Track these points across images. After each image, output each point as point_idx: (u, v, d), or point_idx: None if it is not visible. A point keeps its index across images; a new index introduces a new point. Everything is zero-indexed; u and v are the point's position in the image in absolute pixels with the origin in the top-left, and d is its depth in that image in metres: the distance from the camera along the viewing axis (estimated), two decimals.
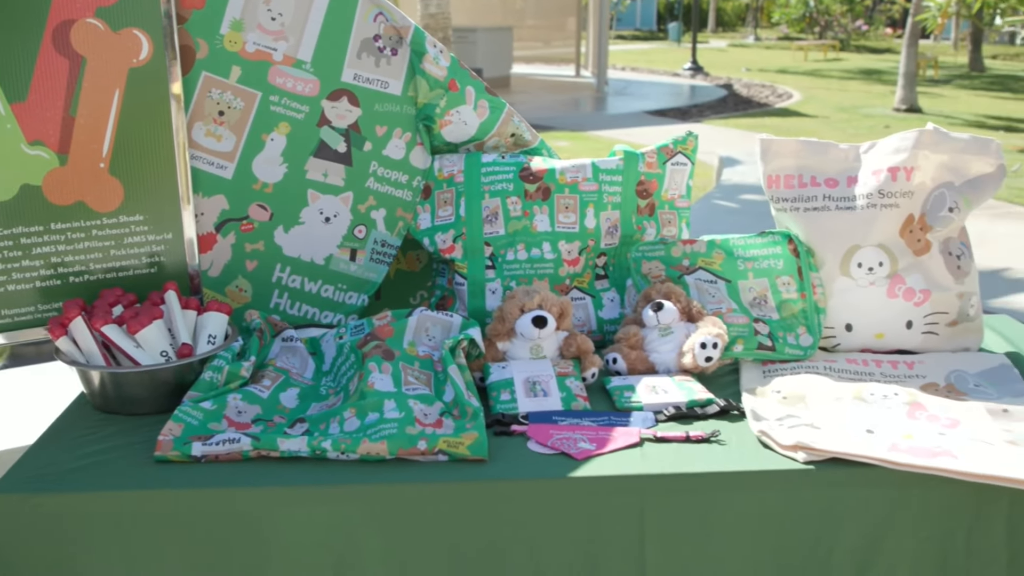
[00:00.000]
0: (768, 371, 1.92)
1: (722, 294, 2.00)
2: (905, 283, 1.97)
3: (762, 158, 2.05)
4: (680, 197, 2.18)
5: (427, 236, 2.08)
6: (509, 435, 1.66)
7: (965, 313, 2.02)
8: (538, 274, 2.05)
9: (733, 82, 20.37)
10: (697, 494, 1.55)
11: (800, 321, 1.98)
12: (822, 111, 15.70)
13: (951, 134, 1.98)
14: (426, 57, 2.05)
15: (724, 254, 2.03)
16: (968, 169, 1.98)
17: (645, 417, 1.72)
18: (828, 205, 2.00)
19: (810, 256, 2.01)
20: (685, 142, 2.16)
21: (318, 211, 2.08)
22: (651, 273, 2.05)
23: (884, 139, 2.02)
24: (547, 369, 1.82)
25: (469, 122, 2.10)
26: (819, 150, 2.03)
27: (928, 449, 1.58)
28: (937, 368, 1.94)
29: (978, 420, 1.71)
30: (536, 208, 2.04)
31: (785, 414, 1.72)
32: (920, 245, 1.98)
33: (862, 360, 1.97)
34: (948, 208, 1.96)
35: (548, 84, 19.44)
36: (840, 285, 1.99)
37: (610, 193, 2.06)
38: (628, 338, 1.93)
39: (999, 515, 1.59)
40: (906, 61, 15.66)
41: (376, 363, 1.74)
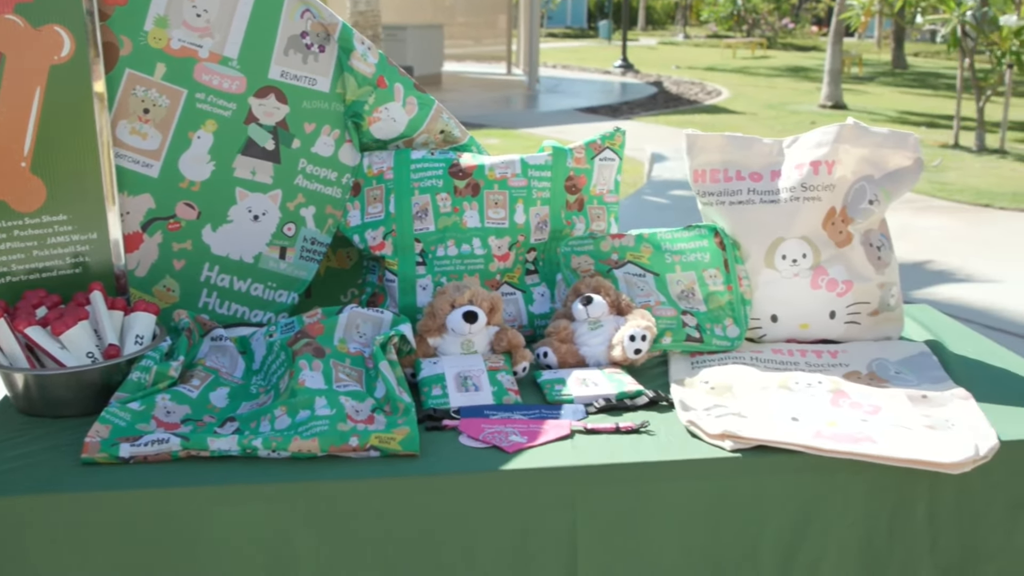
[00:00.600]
0: (696, 362, 1.95)
1: (650, 287, 2.03)
2: (828, 274, 2.01)
3: (688, 153, 2.08)
4: (609, 192, 2.20)
5: (357, 233, 2.08)
6: (441, 430, 1.67)
7: (886, 303, 2.06)
8: (468, 270, 2.06)
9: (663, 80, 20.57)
10: (627, 484, 1.57)
11: (727, 313, 2.02)
12: (750, 108, 15.92)
13: (871, 129, 2.02)
14: (354, 54, 2.04)
15: (652, 248, 2.06)
16: (887, 163, 2.03)
17: (576, 409, 1.74)
18: (753, 199, 2.03)
19: (736, 249, 2.04)
20: (613, 138, 2.19)
21: (246, 209, 2.07)
22: (580, 267, 2.07)
23: (806, 134, 2.06)
24: (478, 364, 1.83)
25: (398, 119, 2.10)
26: (744, 145, 2.07)
27: (850, 435, 1.62)
28: (859, 356, 1.98)
29: (899, 406, 1.75)
30: (466, 204, 2.05)
31: (713, 404, 1.75)
32: (842, 237, 2.02)
33: (787, 350, 2.01)
34: (868, 200, 2.01)
35: (479, 82, 19.46)
36: (765, 277, 2.03)
37: (539, 189, 2.08)
38: (558, 332, 1.95)
39: (920, 499, 1.63)
40: (831, 59, 15.95)
41: (307, 360, 1.74)
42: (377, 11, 8.03)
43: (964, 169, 10.82)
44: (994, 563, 1.67)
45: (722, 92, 18.41)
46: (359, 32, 2.02)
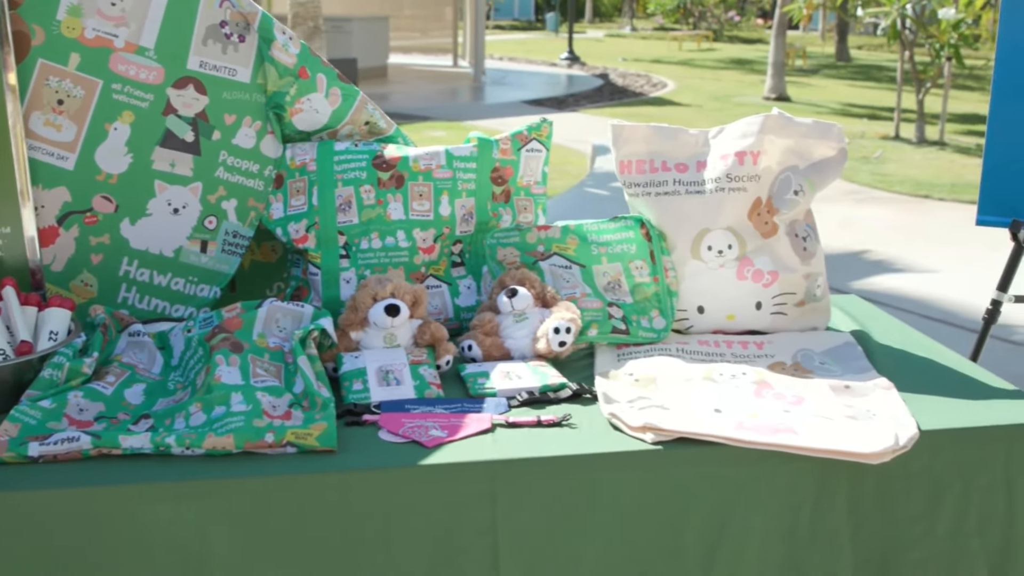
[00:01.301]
0: (622, 354, 1.94)
1: (576, 279, 2.02)
2: (753, 265, 2.02)
3: (614, 144, 2.07)
4: (536, 183, 2.19)
5: (280, 226, 2.05)
6: (361, 425, 1.64)
7: (812, 293, 2.07)
8: (393, 263, 2.03)
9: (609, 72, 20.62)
10: (548, 478, 1.55)
11: (653, 304, 2.01)
12: (696, 100, 16.01)
13: (795, 119, 2.03)
14: (274, 44, 2.01)
15: (578, 239, 2.05)
16: (812, 153, 2.04)
17: (498, 403, 1.72)
18: (678, 189, 2.03)
19: (662, 240, 2.04)
20: (540, 129, 2.17)
21: (166, 202, 2.03)
22: (506, 259, 2.06)
23: (732, 124, 2.06)
24: (400, 358, 1.81)
25: (321, 110, 2.07)
26: (669, 135, 2.06)
27: (772, 426, 1.62)
28: (785, 347, 1.99)
29: (822, 396, 1.76)
30: (390, 196, 2.02)
31: (636, 396, 1.74)
32: (767, 228, 2.02)
33: (713, 341, 2.01)
34: (793, 191, 2.01)
35: (426, 74, 19.39)
36: (691, 268, 2.02)
37: (464, 180, 2.06)
38: (483, 325, 1.93)
39: (840, 489, 1.64)
40: (774, 51, 16.08)
41: (224, 356, 1.71)
42: (318, 2, 7.94)
43: (904, 160, 10.96)
44: (916, 551, 1.68)
45: (668, 84, 18.50)
46: (299, 24, 1.98)
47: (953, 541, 1.68)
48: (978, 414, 1.73)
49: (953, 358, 2.01)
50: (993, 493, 1.69)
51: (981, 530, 1.69)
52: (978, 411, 1.75)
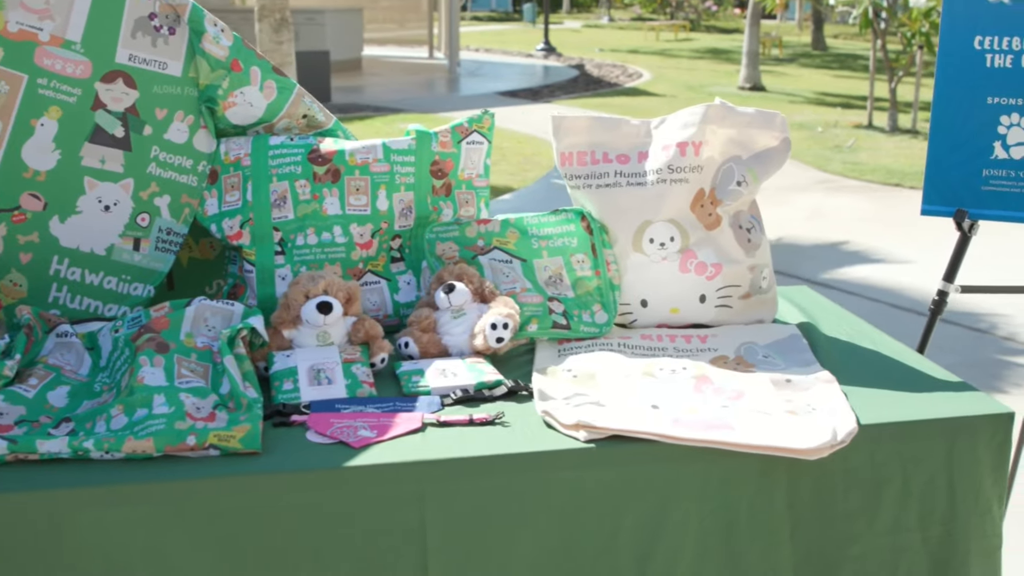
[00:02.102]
0: (563, 350, 1.90)
1: (517, 273, 1.98)
2: (696, 257, 1.98)
3: (554, 135, 2.03)
4: (478, 176, 2.15)
5: (214, 222, 2.00)
6: (289, 426, 1.60)
7: (758, 286, 2.04)
8: (329, 259, 1.99)
9: (585, 62, 20.59)
10: (478, 478, 1.52)
11: (595, 298, 1.98)
12: (670, 90, 15.99)
13: (737, 108, 1.99)
14: (205, 36, 1.96)
15: (518, 233, 2.01)
16: (755, 143, 2.01)
17: (431, 401, 1.68)
18: (620, 181, 1.99)
19: (604, 233, 2.00)
20: (481, 120, 2.13)
21: (96, 199, 1.98)
22: (445, 254, 2.02)
23: (674, 114, 2.02)
24: (333, 356, 1.77)
25: (255, 103, 2.02)
26: (610, 126, 2.02)
27: (708, 422, 1.59)
28: (729, 341, 1.96)
29: (762, 391, 1.73)
30: (326, 191, 1.98)
31: (573, 393, 1.70)
32: (711, 219, 1.99)
33: (657, 336, 1.98)
34: (736, 182, 1.98)
35: (400, 66, 19.30)
36: (634, 261, 1.99)
37: (403, 174, 2.02)
38: (420, 321, 1.89)
39: (778, 485, 1.61)
40: (749, 41, 16.07)
41: (148, 356, 1.66)
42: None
43: (877, 149, 10.97)
44: (856, 547, 1.66)
45: (643, 74, 18.48)
46: (266, 16, 1.94)
47: (893, 536, 1.66)
48: (921, 407, 1.71)
49: (900, 350, 1.99)
50: (934, 487, 1.67)
51: (922, 524, 1.67)
52: (921, 404, 1.72)
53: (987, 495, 1.72)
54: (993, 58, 2.16)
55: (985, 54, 2.17)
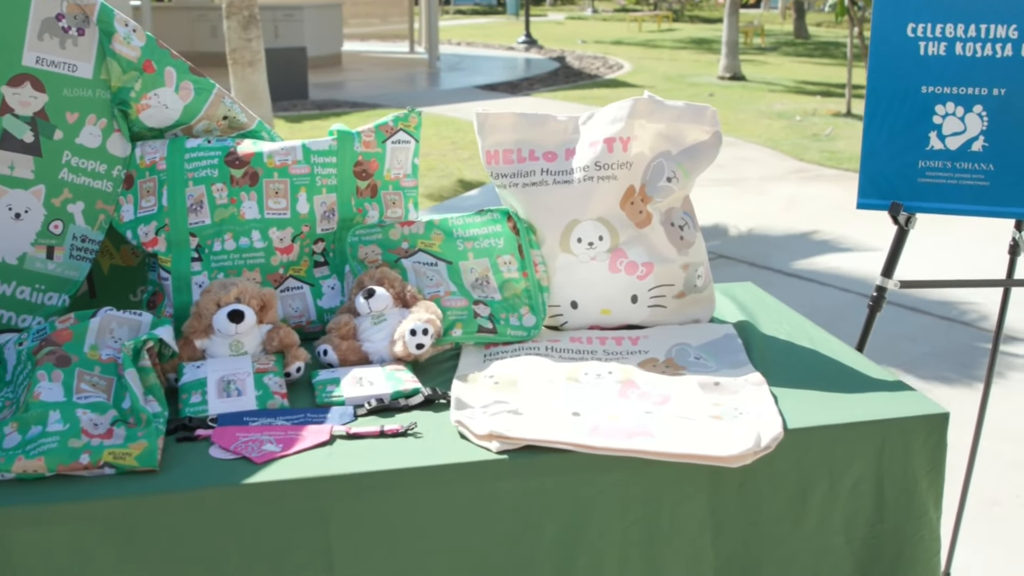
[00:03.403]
0: (489, 355, 1.85)
1: (442, 276, 1.92)
2: (627, 257, 1.93)
3: (479, 133, 1.97)
4: (406, 176, 2.09)
5: (130, 229, 1.94)
6: (193, 440, 1.54)
7: (692, 284, 1.98)
8: (248, 264, 1.93)
9: (566, 55, 20.51)
10: (384, 492, 1.46)
11: (523, 301, 1.92)
12: (650, 81, 15.93)
13: (666, 102, 1.94)
14: (116, 37, 1.89)
15: (443, 235, 1.95)
16: (684, 137, 1.95)
17: (343, 412, 1.62)
18: (546, 180, 1.93)
19: (531, 233, 1.94)
20: (407, 119, 2.07)
21: (7, 207, 1.91)
22: (368, 258, 1.96)
23: (602, 109, 1.97)
24: (245, 366, 1.71)
25: (171, 105, 1.96)
26: (537, 123, 1.96)
27: (629, 429, 1.54)
28: (661, 342, 1.90)
29: (689, 395, 1.67)
30: (244, 195, 1.92)
31: (493, 400, 1.65)
32: (642, 217, 1.93)
33: (586, 338, 1.92)
34: (667, 178, 1.92)
35: (381, 61, 19.21)
36: (562, 262, 1.93)
37: (324, 176, 1.95)
38: (339, 328, 1.83)
39: (701, 492, 1.56)
40: (728, 30, 16.02)
41: (46, 371, 1.60)
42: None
43: (855, 137, 10.91)
44: (779, 550, 1.61)
45: (624, 66, 18.41)
46: (233, 13, 1.87)
47: (818, 539, 1.61)
48: (852, 409, 1.66)
49: (838, 348, 1.93)
50: (861, 490, 1.63)
51: (847, 527, 1.63)
52: (853, 405, 1.67)
53: (922, 498, 1.67)
54: (927, 46, 2.10)
55: (919, 42, 2.10)
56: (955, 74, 2.09)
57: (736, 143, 10.44)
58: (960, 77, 2.09)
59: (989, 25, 2.05)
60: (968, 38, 2.07)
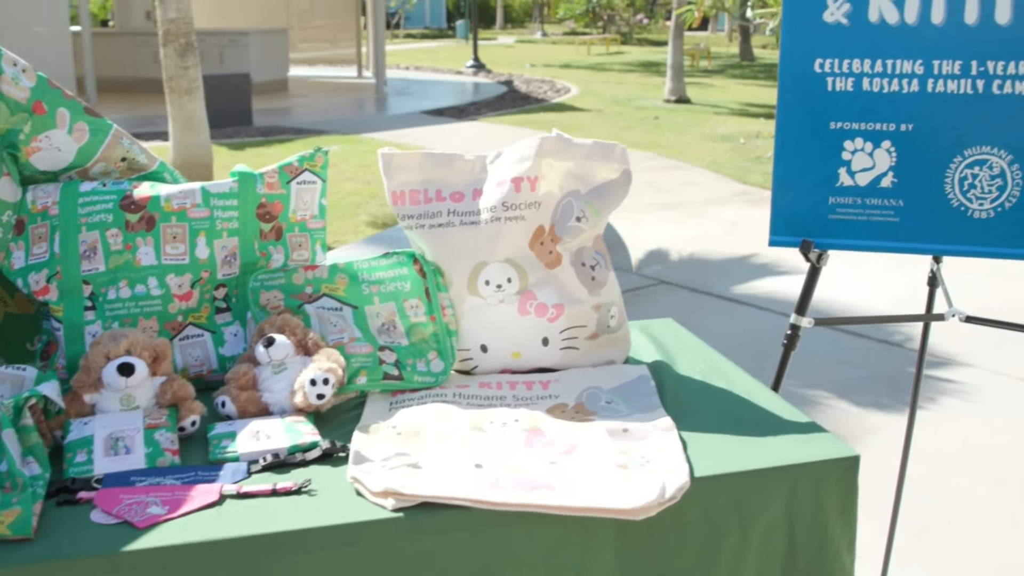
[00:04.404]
0: (395, 403, 1.79)
1: (347, 322, 1.86)
2: (537, 299, 1.88)
3: (385, 173, 1.92)
4: (313, 218, 2.03)
5: (20, 277, 1.86)
6: (75, 504, 1.47)
7: (606, 325, 1.94)
8: (144, 312, 1.86)
9: (514, 78, 20.56)
10: (274, 556, 1.40)
11: (431, 346, 1.87)
12: (597, 104, 15.99)
13: (575, 140, 1.90)
14: (3, 77, 1.82)
15: (348, 279, 1.89)
16: (594, 176, 1.91)
17: (236, 469, 1.56)
18: (453, 221, 1.89)
19: (438, 276, 1.89)
20: (313, 159, 2.01)
21: None
22: (270, 304, 1.90)
23: (510, 148, 1.92)
24: (135, 422, 1.64)
25: (64, 148, 1.89)
26: (443, 162, 1.92)
27: (531, 482, 1.49)
28: (572, 386, 1.86)
29: (596, 443, 1.63)
30: (140, 240, 1.85)
31: (394, 453, 1.59)
32: (552, 257, 1.89)
33: (496, 383, 1.87)
34: (576, 217, 1.88)
35: (328, 86, 19.13)
36: (470, 305, 1.88)
37: (224, 219, 1.89)
38: (238, 378, 1.76)
39: (607, 546, 1.51)
40: (673, 54, 16.13)
41: None
42: (189, 18, 7.69)
43: None
44: None
45: (571, 89, 18.47)
46: (171, 41, 1.80)
47: None
48: (763, 453, 1.62)
49: (753, 389, 1.90)
50: (773, 536, 1.59)
51: (760, 573, 1.58)
52: (764, 450, 1.64)
53: (835, 542, 1.64)
54: (834, 81, 2.08)
55: (826, 77, 2.09)
56: (863, 110, 2.08)
57: (680, 166, 10.48)
58: (868, 113, 2.07)
59: (895, 60, 2.04)
60: (875, 73, 2.06)
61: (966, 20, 2.01)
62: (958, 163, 2.04)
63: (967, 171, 2.03)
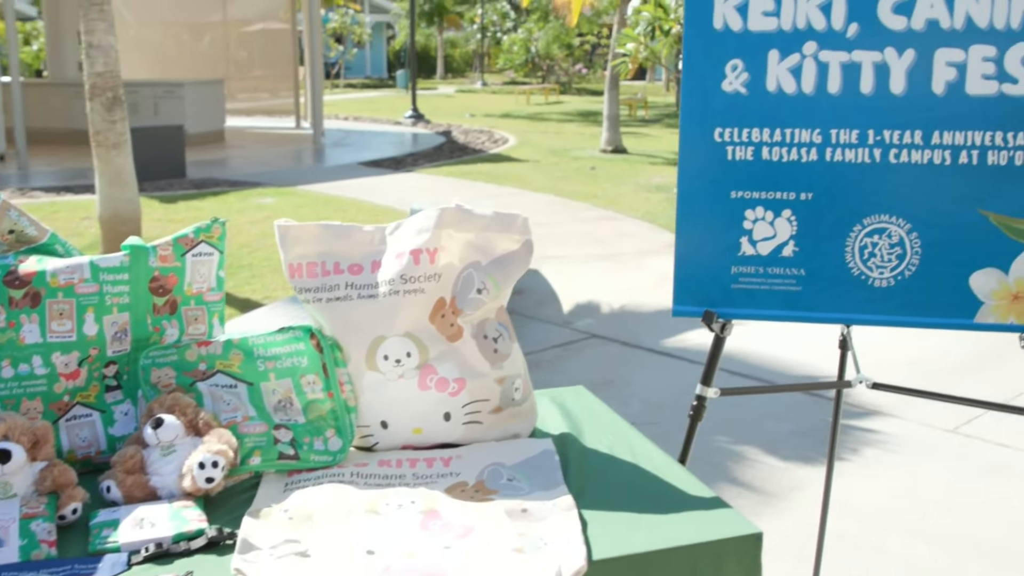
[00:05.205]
0: (291, 483, 1.73)
1: (241, 400, 1.81)
2: (437, 373, 1.84)
3: (281, 245, 1.88)
4: (209, 290, 1.98)
5: None
6: None
7: (510, 398, 1.91)
8: (28, 393, 1.79)
9: (452, 129, 20.63)
10: None
11: (329, 423, 1.82)
12: (534, 155, 16.07)
13: (475, 211, 1.87)
14: None
15: (243, 355, 1.84)
16: (495, 247, 1.88)
17: (116, 561, 1.49)
18: (351, 294, 1.84)
19: (336, 351, 1.85)
20: (210, 230, 1.97)
21: None
22: (161, 382, 1.83)
23: (410, 219, 1.89)
24: (11, 511, 1.56)
25: None
26: (341, 234, 1.88)
27: (422, 569, 1.44)
28: (474, 463, 1.81)
29: (493, 525, 1.58)
30: (24, 317, 1.78)
31: (283, 539, 1.53)
32: (453, 330, 1.85)
33: (396, 460, 1.82)
34: (477, 289, 1.85)
35: (265, 137, 19.04)
36: (369, 380, 1.84)
37: (114, 294, 1.83)
38: (124, 461, 1.70)
39: None
40: (609, 104, 16.29)
41: None
42: (117, 72, 7.59)
43: None
44: None
45: (509, 139, 18.56)
46: (97, 95, 1.73)
47: None
48: (664, 533, 1.59)
49: (659, 462, 1.87)
50: None
51: None
52: (665, 528, 1.60)
53: None
54: (734, 150, 2.08)
55: (726, 146, 2.09)
56: (763, 179, 2.08)
57: (615, 217, 10.54)
58: (768, 182, 2.08)
59: (794, 129, 2.04)
60: (774, 142, 2.06)
61: (862, 90, 2.02)
62: (858, 232, 2.04)
63: (867, 240, 2.04)
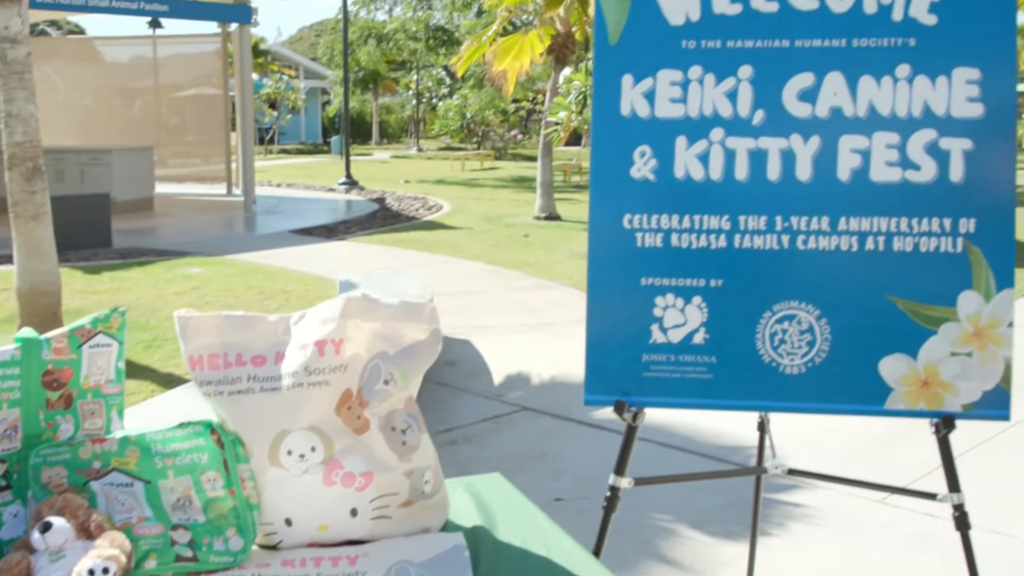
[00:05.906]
0: None
1: (137, 499, 1.73)
2: (343, 467, 1.79)
3: (181, 337, 1.82)
4: (109, 382, 1.91)
5: None
6: None
7: (420, 491, 1.86)
8: None
9: (386, 195, 20.64)
10: None
11: (230, 521, 1.75)
12: (468, 222, 16.10)
13: (381, 300, 1.83)
14: None
15: (140, 451, 1.77)
16: (402, 337, 1.84)
17: None
18: (253, 387, 1.79)
19: (238, 446, 1.79)
20: (108, 320, 1.90)
21: None
22: (52, 482, 1.76)
23: (314, 308, 1.85)
24: None
25: None
26: (244, 324, 1.83)
27: None
28: (381, 560, 1.75)
29: None
30: None
31: None
32: (359, 423, 1.80)
33: (300, 560, 1.76)
34: (384, 380, 1.81)
35: (196, 204, 18.86)
36: (272, 476, 1.78)
37: (5, 389, 1.76)
38: (10, 568, 1.61)
39: None
40: (542, 171, 16.43)
41: None
42: (37, 141, 7.45)
43: None
44: None
45: (443, 206, 18.59)
46: (17, 165, 1.65)
47: None
48: None
49: (573, 556, 1.82)
50: None
51: None
52: None
53: None
54: (644, 237, 2.08)
55: (635, 233, 2.08)
56: (673, 265, 2.07)
57: (548, 285, 10.55)
58: (678, 268, 2.07)
59: (702, 216, 2.04)
60: (683, 229, 2.06)
61: (769, 176, 2.03)
62: (768, 318, 2.04)
63: (777, 326, 2.03)
